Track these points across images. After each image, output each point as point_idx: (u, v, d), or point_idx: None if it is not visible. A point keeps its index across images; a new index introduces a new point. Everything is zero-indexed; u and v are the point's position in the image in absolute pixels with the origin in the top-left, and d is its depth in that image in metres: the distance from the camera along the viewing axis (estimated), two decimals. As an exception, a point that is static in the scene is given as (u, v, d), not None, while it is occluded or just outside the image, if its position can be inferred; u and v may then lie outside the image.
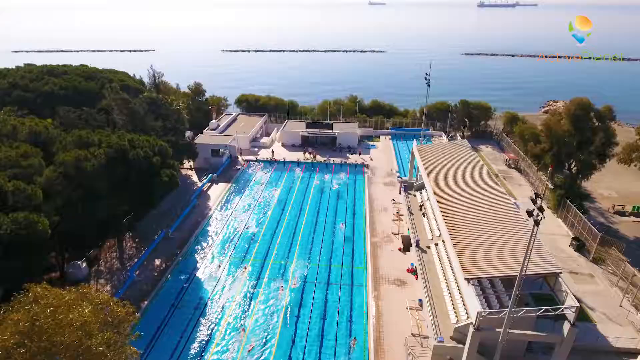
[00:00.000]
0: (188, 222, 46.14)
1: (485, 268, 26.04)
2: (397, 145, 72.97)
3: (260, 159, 64.56)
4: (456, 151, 45.55)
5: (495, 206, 33.64)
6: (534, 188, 56.00)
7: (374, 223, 46.37)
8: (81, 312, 18.73)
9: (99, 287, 35.63)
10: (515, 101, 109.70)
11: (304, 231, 45.44)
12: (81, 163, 33.35)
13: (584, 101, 45.28)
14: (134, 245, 41.74)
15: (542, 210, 18.67)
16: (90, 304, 19.89)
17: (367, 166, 62.37)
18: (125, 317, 21.02)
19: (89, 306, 19.36)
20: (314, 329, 32.00)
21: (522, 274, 20.43)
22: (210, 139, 62.84)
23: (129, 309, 21.42)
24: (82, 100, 55.42)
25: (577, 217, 44.16)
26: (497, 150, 71.26)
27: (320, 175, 59.73)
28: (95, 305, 20.03)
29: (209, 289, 36.31)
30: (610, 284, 37.14)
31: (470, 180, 38.72)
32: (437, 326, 29.23)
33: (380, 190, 54.87)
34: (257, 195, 53.58)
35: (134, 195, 37.42)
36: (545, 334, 23.28)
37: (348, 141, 70.47)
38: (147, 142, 38.97)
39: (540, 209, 18.61)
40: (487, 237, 29.48)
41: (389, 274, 37.64)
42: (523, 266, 20.15)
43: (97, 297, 21.03)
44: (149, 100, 51.48)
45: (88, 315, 18.74)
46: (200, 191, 53.15)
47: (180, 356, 29.54)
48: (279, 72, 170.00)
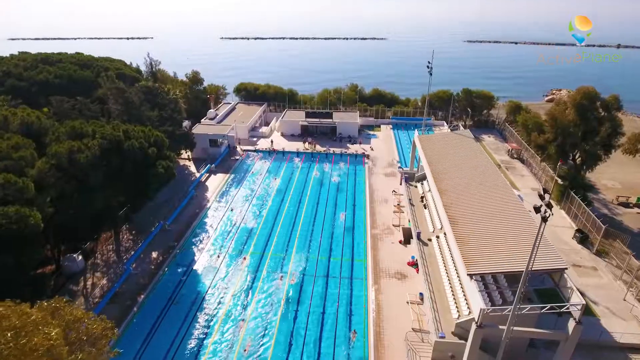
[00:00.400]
0: (186, 214, 45.46)
1: (488, 263, 25.39)
2: (398, 134, 71.94)
3: (259, 149, 63.65)
4: (458, 141, 44.62)
5: (498, 198, 32.88)
6: (537, 179, 55.25)
7: (374, 215, 45.68)
8: (48, 334, 16.51)
9: (95, 281, 35.12)
10: (518, 90, 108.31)
11: (303, 223, 44.77)
12: (74, 155, 32.51)
13: (590, 90, 44.17)
14: (131, 237, 41.12)
15: (551, 207, 17.90)
16: (62, 321, 18.00)
17: (368, 156, 61.47)
18: (103, 334, 19.39)
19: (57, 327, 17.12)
20: (313, 320, 31.58)
21: (529, 269, 19.75)
22: (208, 129, 61.84)
23: (106, 324, 19.79)
24: (78, 89, 54.39)
25: (581, 209, 43.45)
26: (499, 140, 70.27)
27: (320, 166, 58.87)
28: (67, 322, 18.20)
29: (207, 281, 35.75)
30: (614, 277, 36.59)
31: (473, 171, 37.89)
32: (438, 321, 28.73)
33: (381, 181, 54.08)
34: (256, 186, 52.82)
35: (129, 187, 36.69)
36: (550, 331, 22.73)
37: (348, 131, 69.43)
38: (142, 132, 38.05)
39: (549, 205, 17.83)
40: (490, 230, 28.77)
41: (390, 267, 37.06)
42: (529, 263, 19.46)
43: (71, 312, 18.84)
44: (145, 90, 50.38)
45: (55, 337, 16.56)
46: (198, 182, 52.38)
47: (178, 350, 29.09)
48: (279, 60, 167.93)
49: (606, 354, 28.63)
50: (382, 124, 76.33)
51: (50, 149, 32.89)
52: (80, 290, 34.10)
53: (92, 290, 33.86)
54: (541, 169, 54.76)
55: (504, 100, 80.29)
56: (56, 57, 66.62)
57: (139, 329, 30.60)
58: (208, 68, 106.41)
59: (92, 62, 65.86)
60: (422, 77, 74.16)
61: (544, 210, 17.83)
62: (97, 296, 33.12)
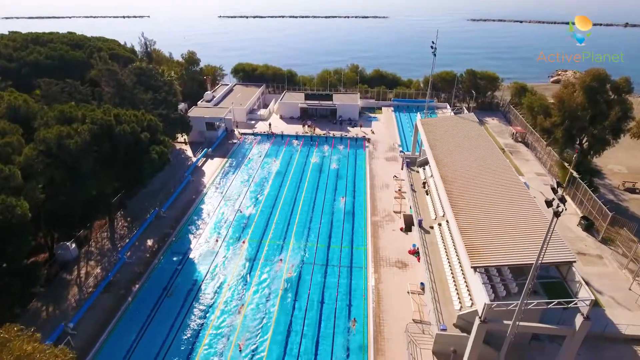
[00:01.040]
0: (182, 200, 44.43)
1: (493, 256, 24.41)
2: (399, 117, 70.27)
3: (258, 132, 62.16)
4: (462, 125, 43.14)
5: (503, 186, 31.68)
6: (542, 163, 53.95)
7: (374, 201, 44.63)
8: None
9: (89, 270, 34.34)
10: (523, 72, 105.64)
11: (302, 209, 43.79)
12: (64, 140, 31.25)
13: (600, 72, 42.43)
14: (126, 224, 40.20)
15: (564, 201, 16.75)
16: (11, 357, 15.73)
17: (369, 140, 60.03)
18: None
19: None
20: (312, 309, 31.00)
21: (537, 265, 18.77)
22: (204, 112, 60.19)
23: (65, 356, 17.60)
24: (70, 71, 52.63)
25: (587, 195, 42.33)
26: (503, 123, 68.62)
27: (319, 150, 57.52)
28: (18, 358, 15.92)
29: (203, 269, 34.94)
30: (619, 266, 35.74)
31: (477, 157, 36.58)
32: (439, 312, 27.97)
33: (382, 165, 52.84)
34: (254, 171, 51.62)
35: (122, 174, 35.55)
36: (557, 327, 21.95)
37: (349, 113, 67.75)
38: (134, 117, 36.59)
39: (562, 199, 16.68)
40: (495, 220, 27.69)
41: (390, 256, 36.22)
42: (538, 258, 18.46)
43: (21, 347, 16.36)
44: (138, 71, 48.58)
45: None
46: (194, 167, 51.16)
47: (174, 341, 28.46)
48: (278, 40, 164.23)
49: (611, 346, 27.97)
50: (383, 106, 74.55)
51: (38, 135, 31.62)
52: (74, 279, 33.38)
53: (86, 280, 33.13)
54: (546, 153, 53.44)
55: (508, 81, 78.17)
56: (47, 37, 64.47)
57: (134, 320, 29.95)
58: (205, 48, 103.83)
59: (84, 42, 63.75)
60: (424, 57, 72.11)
61: (557, 205, 16.70)
62: (90, 285, 32.39)
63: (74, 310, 30.01)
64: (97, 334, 28.20)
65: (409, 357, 26.51)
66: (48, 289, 31.97)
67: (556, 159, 49.88)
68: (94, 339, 27.84)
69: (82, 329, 28.51)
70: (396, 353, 27.00)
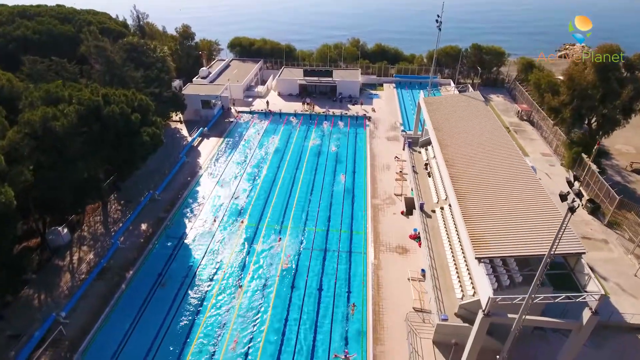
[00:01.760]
0: (176, 182, 43.20)
1: (499, 246, 23.34)
2: (401, 94, 68.14)
3: (255, 111, 60.28)
4: (467, 105, 41.40)
5: (510, 170, 30.33)
6: (548, 143, 52.41)
7: (375, 183, 43.41)
8: None
9: (82, 255, 33.49)
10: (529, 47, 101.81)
11: (300, 191, 42.64)
12: (49, 123, 29.78)
13: (613, 48, 40.27)
14: (119, 207, 39.15)
15: (581, 197, 15.51)
16: None
17: (369, 118, 58.24)
18: None
19: None
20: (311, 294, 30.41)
21: (547, 262, 17.71)
22: (200, 89, 58.10)
23: None
24: (59, 47, 50.32)
25: (594, 177, 41.04)
26: (508, 101, 66.59)
27: (318, 129, 55.85)
28: None
29: (199, 255, 34.09)
30: (625, 252, 34.85)
31: (483, 139, 35.08)
32: (440, 301, 27.22)
33: (383, 145, 51.32)
34: (251, 151, 50.18)
35: (113, 157, 34.25)
36: (563, 321, 21.13)
37: (349, 90, 65.63)
38: (124, 96, 34.95)
39: (579, 194, 15.43)
40: (501, 207, 26.49)
41: (390, 241, 35.30)
42: (550, 252, 17.38)
43: None
44: (128, 47, 46.36)
45: None
46: (189, 147, 49.66)
47: (169, 329, 27.88)
48: (276, 13, 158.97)
49: (616, 335, 27.33)
50: (385, 82, 72.25)
51: (22, 117, 30.11)
52: (66, 265, 32.58)
53: (79, 266, 32.31)
54: (552, 133, 51.81)
55: (515, 56, 75.42)
56: (35, 9, 61.58)
57: (128, 307, 29.26)
58: (200, 21, 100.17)
59: (73, 16, 60.89)
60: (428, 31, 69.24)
61: (572, 199, 15.47)
62: (83, 272, 31.60)
63: (66, 298, 29.31)
64: (90, 323, 27.53)
65: (408, 346, 25.92)
66: (40, 276, 31.22)
67: (563, 139, 48.29)
68: (87, 328, 27.19)
69: (74, 317, 27.84)
70: (395, 343, 26.38)
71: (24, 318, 27.77)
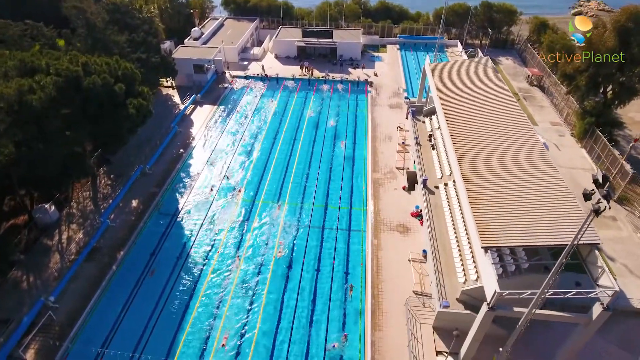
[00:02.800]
0: (168, 154, 41.28)
1: (507, 235, 21.91)
2: (406, 56, 64.57)
3: (251, 75, 57.19)
4: (476, 73, 38.67)
5: (521, 149, 28.37)
6: (558, 111, 49.90)
7: (376, 155, 41.51)
8: None
9: (71, 234, 32.29)
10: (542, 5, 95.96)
11: (298, 162, 40.88)
12: (25, 96, 27.51)
13: (638, 10, 36.92)
14: (109, 182, 37.56)
15: (609, 199, 13.80)
16: None
17: (371, 84, 55.29)
18: None
19: None
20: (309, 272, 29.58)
21: (561, 263, 16.32)
22: (192, 52, 54.71)
23: None
24: (39, 7, 46.76)
25: (606, 150, 39.08)
26: (518, 63, 63.13)
27: (317, 96, 53.09)
28: None
29: (193, 233, 32.85)
30: (634, 230, 33.59)
31: (492, 112, 32.82)
32: (442, 285, 26.22)
33: (385, 114, 48.88)
34: (246, 120, 47.85)
35: (97, 131, 32.18)
36: (571, 315, 20.09)
37: (350, 52, 62.06)
38: (106, 65, 32.32)
39: (607, 196, 13.73)
40: (510, 191, 24.78)
41: (391, 218, 33.96)
42: (569, 248, 15.92)
43: None
44: (111, 7, 42.77)
45: None
46: (181, 116, 47.26)
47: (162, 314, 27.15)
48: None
49: (622, 321, 26.48)
50: (388, 43, 68.35)
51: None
52: (55, 245, 31.43)
53: (68, 246, 31.18)
54: (564, 100, 49.15)
55: (527, 15, 70.79)
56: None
57: (120, 290, 28.41)
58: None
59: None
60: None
61: (597, 200, 13.78)
62: (72, 252, 30.51)
63: (55, 280, 28.39)
64: (81, 307, 26.76)
65: (408, 333, 25.19)
66: (28, 256, 30.18)
67: (575, 107, 45.79)
68: (78, 312, 26.44)
69: (64, 301, 27.04)
70: (394, 328, 25.64)
71: (13, 301, 26.99)
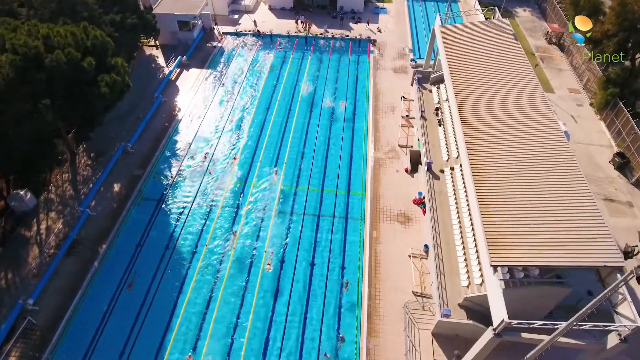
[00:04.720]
0: (152, 129, 38.07)
1: (521, 252, 19.62)
2: (413, 8, 58.56)
3: (242, 32, 52.05)
4: (493, 39, 34.29)
5: (541, 143, 25.13)
6: (577, 75, 45.71)
7: (377, 130, 38.36)
8: None
9: (50, 224, 30.26)
10: None
11: (293, 137, 37.94)
12: (-22, 78, 24.17)
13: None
14: (89, 162, 34.87)
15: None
16: None
17: (374, 42, 50.39)
18: None
19: None
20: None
21: (592, 307, 14.24)
22: (175, 6, 49.04)
23: None
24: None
25: (629, 126, 35.88)
26: (536, 16, 57.36)
27: (315, 56, 48.54)
28: None
29: (180, 220, 30.85)
30: (652, 218, 31.48)
31: (509, 93, 29.17)
32: (443, 288, 24.58)
33: (389, 79, 44.77)
34: (237, 86, 43.95)
35: (67, 114, 28.97)
36: (584, 342, 18.47)
37: (352, 3, 56.17)
38: (72, 36, 28.26)
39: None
40: (527, 199, 21.90)
41: (392, 206, 31.70)
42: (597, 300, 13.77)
43: None
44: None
45: None
46: (166, 82, 43.27)
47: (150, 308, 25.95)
48: None
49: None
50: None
51: (-58, 71, 24.36)
52: (33, 236, 29.54)
53: (47, 238, 29.28)
54: (585, 63, 44.80)
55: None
56: None
57: (104, 287, 26.92)
58: None
59: None
60: None
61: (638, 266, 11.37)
62: (52, 246, 28.69)
63: (34, 277, 26.82)
64: (62, 308, 25.41)
65: (406, 340, 23.96)
66: (5, 250, 28.41)
67: (598, 74, 41.71)
68: (60, 313, 25.12)
69: (44, 303, 25.63)
70: (392, 334, 24.39)
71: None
